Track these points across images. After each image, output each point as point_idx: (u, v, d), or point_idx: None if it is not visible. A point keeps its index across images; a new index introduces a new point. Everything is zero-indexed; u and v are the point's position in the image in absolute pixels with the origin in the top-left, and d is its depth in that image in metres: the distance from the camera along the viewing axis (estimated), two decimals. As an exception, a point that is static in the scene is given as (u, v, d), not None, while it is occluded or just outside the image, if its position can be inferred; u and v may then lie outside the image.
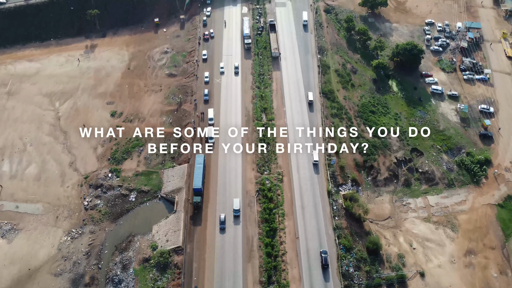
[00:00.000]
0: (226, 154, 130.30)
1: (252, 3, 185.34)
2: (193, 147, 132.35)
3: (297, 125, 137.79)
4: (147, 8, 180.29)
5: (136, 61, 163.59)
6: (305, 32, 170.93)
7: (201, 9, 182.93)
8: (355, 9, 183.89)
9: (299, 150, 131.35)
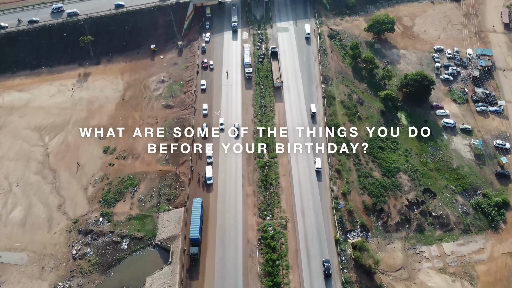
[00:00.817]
0: (225, 196, 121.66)
1: (253, 28, 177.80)
2: (190, 188, 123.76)
3: (301, 164, 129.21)
4: (143, 33, 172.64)
5: (131, 91, 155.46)
6: (308, 60, 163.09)
7: (200, 34, 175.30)
8: (360, 35, 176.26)
9: (304, 192, 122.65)
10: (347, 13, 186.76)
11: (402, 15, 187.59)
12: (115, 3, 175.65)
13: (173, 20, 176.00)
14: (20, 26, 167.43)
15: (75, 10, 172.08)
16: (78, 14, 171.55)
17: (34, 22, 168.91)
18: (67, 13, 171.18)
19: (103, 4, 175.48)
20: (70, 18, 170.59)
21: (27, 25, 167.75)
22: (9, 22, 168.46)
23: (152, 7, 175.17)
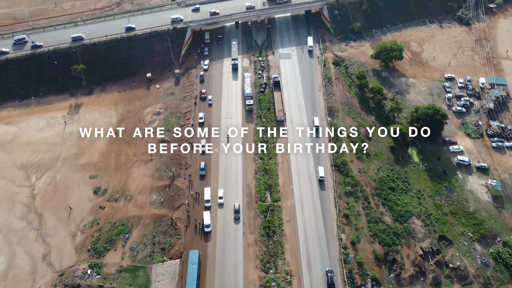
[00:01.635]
0: (224, 246, 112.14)
1: (254, 55, 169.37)
2: (186, 236, 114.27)
3: (307, 209, 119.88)
4: (138, 61, 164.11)
5: (125, 124, 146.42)
6: (312, 89, 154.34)
7: (198, 61, 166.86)
8: (367, 62, 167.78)
9: (310, 241, 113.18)
10: (352, 38, 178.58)
11: (410, 40, 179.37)
12: (126, 26, 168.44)
13: (170, 46, 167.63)
14: (8, 54, 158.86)
15: (80, 35, 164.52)
16: (83, 38, 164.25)
17: (37, 46, 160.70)
18: (72, 37, 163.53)
19: (109, 28, 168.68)
20: (63, 45, 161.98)
21: (16, 52, 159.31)
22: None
23: (148, 33, 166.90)
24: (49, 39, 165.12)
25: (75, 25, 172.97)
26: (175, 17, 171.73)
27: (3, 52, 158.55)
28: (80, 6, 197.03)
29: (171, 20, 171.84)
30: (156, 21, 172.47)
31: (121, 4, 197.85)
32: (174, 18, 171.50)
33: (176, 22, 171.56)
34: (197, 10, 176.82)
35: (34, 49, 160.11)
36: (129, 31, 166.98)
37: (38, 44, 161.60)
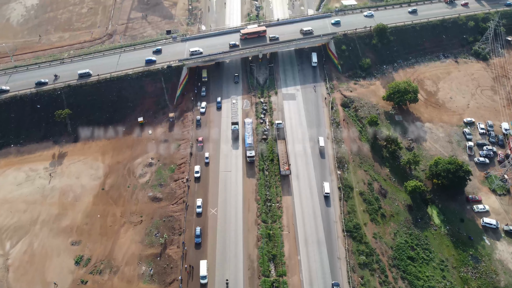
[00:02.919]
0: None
1: (255, 95, 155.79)
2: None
3: (316, 285, 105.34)
4: (129, 103, 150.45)
5: (113, 177, 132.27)
6: (319, 136, 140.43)
7: (194, 103, 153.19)
8: (378, 103, 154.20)
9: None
10: (362, 76, 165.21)
11: (423, 77, 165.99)
12: (146, 59, 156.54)
13: (164, 87, 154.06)
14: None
15: (87, 71, 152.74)
16: (90, 74, 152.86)
17: (4, 91, 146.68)
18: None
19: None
20: (47, 87, 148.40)
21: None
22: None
23: (140, 72, 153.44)
24: (31, 79, 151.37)
25: (61, 62, 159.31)
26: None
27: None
28: (69, 38, 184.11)
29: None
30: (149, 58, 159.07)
31: (113, 36, 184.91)
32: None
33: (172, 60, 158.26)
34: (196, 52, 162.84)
35: (15, 91, 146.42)
36: (120, 70, 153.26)
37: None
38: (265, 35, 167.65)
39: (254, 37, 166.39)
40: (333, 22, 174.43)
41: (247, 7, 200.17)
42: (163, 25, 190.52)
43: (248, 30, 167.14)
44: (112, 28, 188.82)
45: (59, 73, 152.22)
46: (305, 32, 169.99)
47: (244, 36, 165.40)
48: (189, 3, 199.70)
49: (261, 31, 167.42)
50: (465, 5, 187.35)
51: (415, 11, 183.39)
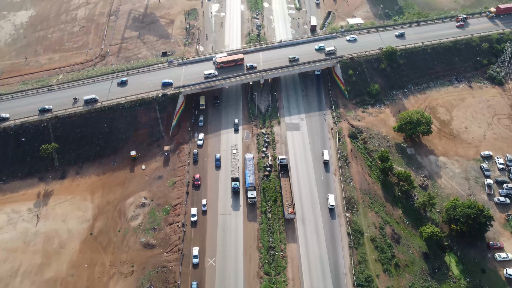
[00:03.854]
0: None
1: (257, 125, 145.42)
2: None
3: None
4: (121, 135, 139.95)
5: (102, 220, 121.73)
6: (326, 173, 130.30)
7: (191, 134, 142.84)
8: (388, 134, 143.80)
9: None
10: (370, 103, 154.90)
11: (436, 104, 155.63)
12: (163, 81, 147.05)
13: (159, 116, 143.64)
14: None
15: (94, 96, 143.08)
16: (97, 100, 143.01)
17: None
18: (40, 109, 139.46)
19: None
20: (32, 117, 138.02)
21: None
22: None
23: (133, 101, 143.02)
24: (17, 108, 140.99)
25: (49, 90, 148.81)
26: (166, 81, 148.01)
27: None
28: (59, 60, 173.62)
29: (161, 83, 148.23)
30: (143, 85, 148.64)
31: (106, 57, 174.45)
32: (164, 82, 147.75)
33: (167, 86, 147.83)
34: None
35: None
36: (111, 99, 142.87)
37: (4, 116, 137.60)
38: (243, 63, 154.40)
39: (231, 66, 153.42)
40: (317, 48, 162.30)
41: (248, 26, 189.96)
42: (159, 45, 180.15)
43: (223, 59, 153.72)
44: (104, 49, 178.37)
45: (45, 102, 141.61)
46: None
47: (220, 65, 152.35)
48: (186, 21, 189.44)
49: (238, 59, 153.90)
50: (461, 27, 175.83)
51: (427, 31, 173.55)
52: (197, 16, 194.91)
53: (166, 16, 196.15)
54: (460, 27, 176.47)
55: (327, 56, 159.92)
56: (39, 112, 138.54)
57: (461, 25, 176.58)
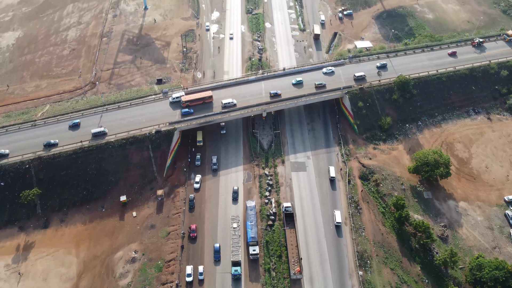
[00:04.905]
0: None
1: (259, 165, 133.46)
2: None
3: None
4: (111, 177, 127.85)
5: (87, 278, 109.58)
6: (336, 223, 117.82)
7: (188, 175, 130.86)
8: (402, 175, 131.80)
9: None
10: (382, 138, 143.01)
11: (453, 140, 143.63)
12: (93, 132, 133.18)
13: (152, 156, 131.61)
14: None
15: (103, 129, 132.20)
16: (106, 133, 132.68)
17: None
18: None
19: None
20: (13, 158, 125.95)
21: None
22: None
23: (123, 139, 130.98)
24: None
25: (33, 125, 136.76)
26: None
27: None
28: (47, 88, 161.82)
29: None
30: (135, 120, 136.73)
31: (96, 85, 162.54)
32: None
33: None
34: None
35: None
36: (99, 137, 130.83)
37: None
38: (211, 101, 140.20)
39: (199, 104, 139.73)
40: (294, 82, 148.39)
41: (249, 49, 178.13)
42: (154, 71, 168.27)
43: (190, 97, 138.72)
44: (96, 75, 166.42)
45: (29, 141, 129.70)
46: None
47: (186, 104, 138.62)
48: (183, 44, 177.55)
49: (206, 97, 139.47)
50: (453, 54, 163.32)
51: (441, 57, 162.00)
52: (195, 38, 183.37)
53: (162, 38, 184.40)
54: (474, 45, 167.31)
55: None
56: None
57: (473, 44, 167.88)
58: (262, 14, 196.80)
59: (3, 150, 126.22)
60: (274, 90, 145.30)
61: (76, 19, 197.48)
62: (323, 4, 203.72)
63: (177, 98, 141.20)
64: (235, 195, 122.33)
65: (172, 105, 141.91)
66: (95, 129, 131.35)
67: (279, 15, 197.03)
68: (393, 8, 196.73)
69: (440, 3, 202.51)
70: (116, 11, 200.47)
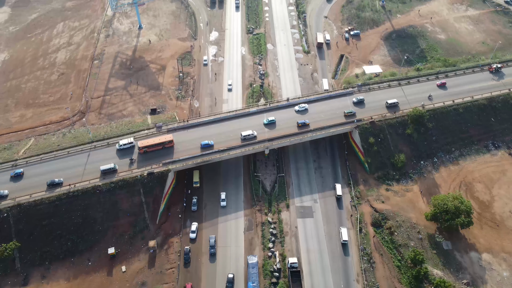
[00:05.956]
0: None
1: (261, 210, 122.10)
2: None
3: None
4: (98, 227, 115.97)
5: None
6: (347, 280, 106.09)
7: (183, 222, 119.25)
8: (418, 221, 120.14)
9: None
10: (395, 177, 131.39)
11: (472, 179, 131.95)
12: (202, 143, 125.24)
13: (143, 201, 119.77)
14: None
15: (113, 165, 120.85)
16: (116, 169, 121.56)
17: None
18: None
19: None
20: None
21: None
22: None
23: (112, 182, 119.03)
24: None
25: (13, 165, 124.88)
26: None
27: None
28: (32, 118, 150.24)
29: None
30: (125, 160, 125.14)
31: (86, 114, 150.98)
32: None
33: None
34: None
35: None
36: (86, 180, 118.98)
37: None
38: (172, 146, 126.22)
39: (158, 149, 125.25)
40: (266, 122, 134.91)
41: (249, 74, 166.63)
42: (148, 98, 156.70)
43: (147, 142, 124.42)
44: (87, 102, 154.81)
45: (7, 185, 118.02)
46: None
47: (143, 150, 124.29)
48: (179, 69, 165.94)
49: (166, 142, 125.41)
50: (442, 85, 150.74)
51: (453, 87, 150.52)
52: (192, 61, 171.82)
53: (157, 60, 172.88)
54: (492, 71, 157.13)
55: (346, 119, 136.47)
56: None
57: (490, 69, 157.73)
58: (264, 34, 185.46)
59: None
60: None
61: (66, 40, 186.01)
62: (328, 23, 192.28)
63: (126, 145, 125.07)
64: (230, 285, 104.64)
65: (120, 153, 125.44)
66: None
67: (281, 36, 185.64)
68: (402, 28, 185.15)
69: (452, 22, 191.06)
70: (109, 30, 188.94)
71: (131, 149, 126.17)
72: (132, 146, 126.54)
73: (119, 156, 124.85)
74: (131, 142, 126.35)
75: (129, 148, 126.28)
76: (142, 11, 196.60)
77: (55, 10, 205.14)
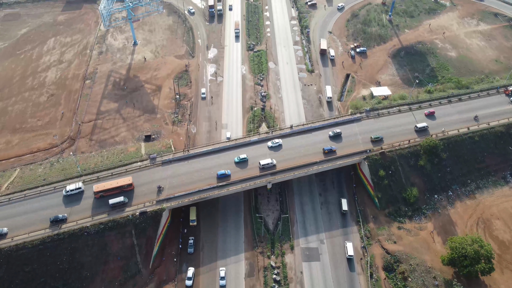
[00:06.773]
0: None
1: (263, 252, 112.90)
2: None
3: None
4: (85, 272, 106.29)
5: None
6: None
7: (179, 267, 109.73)
8: (433, 265, 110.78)
9: None
10: (408, 214, 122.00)
11: (490, 215, 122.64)
12: (218, 172, 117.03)
13: (135, 243, 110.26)
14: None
15: (122, 199, 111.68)
16: (125, 202, 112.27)
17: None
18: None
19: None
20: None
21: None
22: None
23: (102, 223, 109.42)
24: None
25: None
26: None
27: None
28: (18, 145, 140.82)
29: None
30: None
31: (76, 141, 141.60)
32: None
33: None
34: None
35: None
36: (73, 221, 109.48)
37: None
38: (132, 189, 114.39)
39: (117, 192, 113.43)
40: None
41: (250, 96, 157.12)
42: (142, 123, 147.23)
43: (103, 186, 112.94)
44: (77, 127, 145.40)
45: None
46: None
47: (99, 195, 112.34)
48: (176, 91, 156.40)
49: (124, 185, 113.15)
50: (431, 114, 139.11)
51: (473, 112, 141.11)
52: (189, 81, 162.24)
53: (153, 80, 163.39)
54: (508, 94, 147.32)
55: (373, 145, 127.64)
56: None
57: (506, 92, 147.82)
58: (265, 52, 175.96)
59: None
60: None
61: (57, 57, 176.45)
62: (333, 39, 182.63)
63: (74, 190, 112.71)
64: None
65: (66, 199, 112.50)
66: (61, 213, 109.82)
67: (284, 53, 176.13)
68: (411, 44, 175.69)
69: (463, 37, 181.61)
70: (102, 46, 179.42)
71: (79, 195, 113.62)
72: (81, 192, 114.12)
73: (65, 204, 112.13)
74: (79, 187, 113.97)
75: (77, 194, 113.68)
76: (137, 25, 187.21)
77: (47, 24, 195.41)
